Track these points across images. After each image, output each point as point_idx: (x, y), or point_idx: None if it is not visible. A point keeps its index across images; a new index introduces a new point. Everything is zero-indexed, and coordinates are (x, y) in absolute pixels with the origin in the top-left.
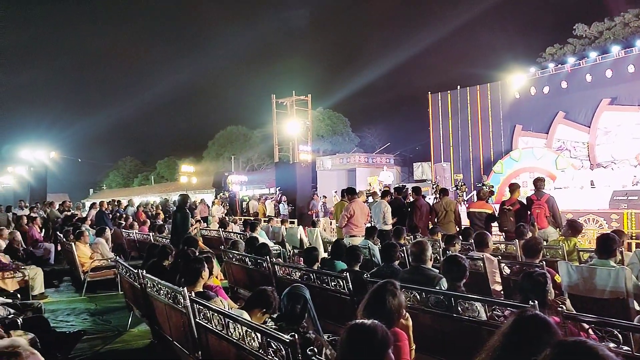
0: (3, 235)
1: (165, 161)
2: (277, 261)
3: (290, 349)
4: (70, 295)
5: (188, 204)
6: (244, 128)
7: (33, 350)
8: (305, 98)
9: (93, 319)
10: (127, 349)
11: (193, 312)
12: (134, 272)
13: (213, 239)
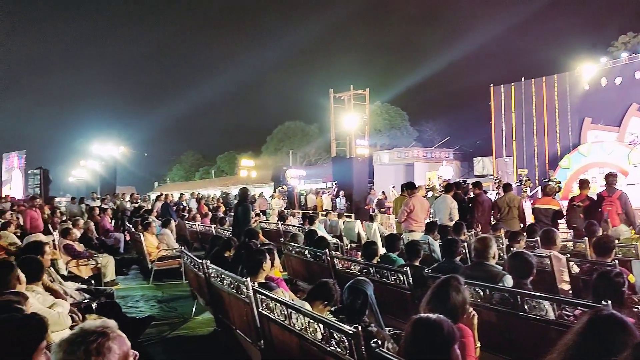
0: (78, 225)
1: (225, 155)
2: (336, 254)
3: (354, 341)
4: (139, 282)
5: (248, 198)
6: (302, 123)
7: (120, 332)
8: (363, 92)
9: (160, 306)
10: (192, 335)
11: (256, 302)
12: (199, 262)
13: (272, 231)
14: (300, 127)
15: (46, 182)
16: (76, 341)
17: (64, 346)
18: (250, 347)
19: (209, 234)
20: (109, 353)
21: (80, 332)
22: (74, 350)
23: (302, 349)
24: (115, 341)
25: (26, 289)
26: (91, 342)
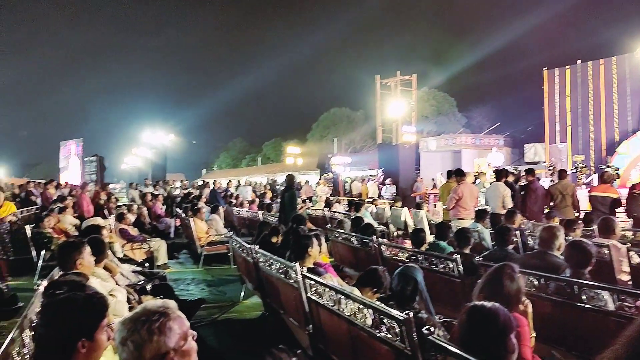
0: (133, 210)
1: (272, 143)
2: (383, 241)
3: (405, 327)
4: (189, 266)
5: (295, 184)
6: (347, 110)
7: (180, 313)
8: (409, 78)
9: (210, 290)
10: (241, 318)
11: (304, 287)
12: (247, 247)
13: (318, 218)
14: (345, 114)
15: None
16: (139, 320)
17: (128, 324)
18: (299, 331)
19: (256, 220)
20: (170, 332)
21: (143, 311)
22: (137, 329)
23: (351, 335)
24: (175, 321)
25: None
26: (153, 321)
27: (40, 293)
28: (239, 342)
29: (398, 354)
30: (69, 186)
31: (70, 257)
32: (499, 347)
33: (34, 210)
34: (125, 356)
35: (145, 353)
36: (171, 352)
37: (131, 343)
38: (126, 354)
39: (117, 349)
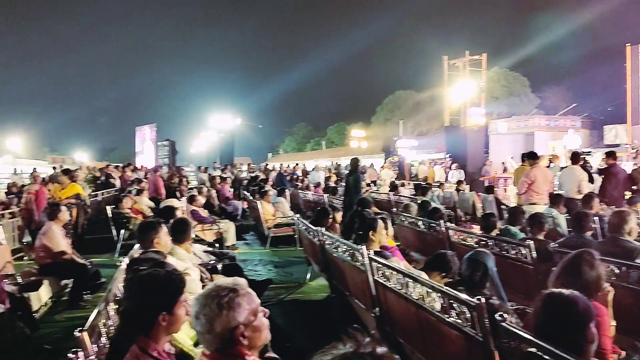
0: (202, 192)
1: (336, 127)
2: (450, 226)
3: (476, 313)
4: (256, 247)
5: (359, 168)
6: (413, 92)
7: (250, 290)
8: (479, 57)
9: (277, 271)
10: (307, 299)
11: (371, 270)
12: (314, 229)
13: (383, 202)
14: (411, 96)
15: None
16: (210, 295)
17: (201, 299)
18: (365, 313)
19: (322, 203)
20: (238, 308)
21: (215, 287)
22: (208, 303)
23: (420, 318)
24: (244, 298)
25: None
26: (222, 296)
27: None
28: (306, 322)
29: (468, 339)
30: (144, 169)
31: (149, 236)
32: (577, 337)
33: (112, 192)
34: (199, 329)
35: (216, 326)
36: (241, 327)
37: (203, 317)
38: (200, 326)
39: (193, 322)
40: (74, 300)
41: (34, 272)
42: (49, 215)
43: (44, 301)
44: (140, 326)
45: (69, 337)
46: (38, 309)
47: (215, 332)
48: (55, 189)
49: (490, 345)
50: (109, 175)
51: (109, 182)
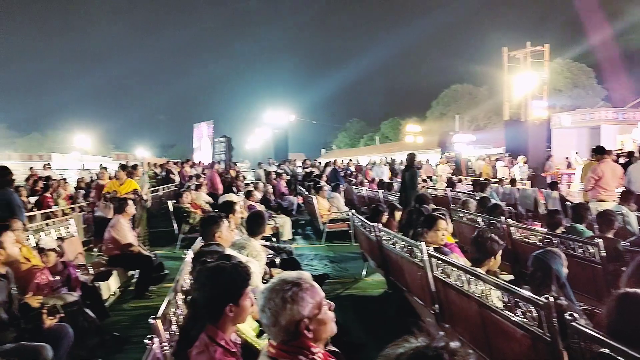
0: (259, 188)
1: (389, 122)
2: (512, 223)
3: (544, 312)
4: (312, 242)
5: (416, 163)
6: (470, 85)
7: (314, 283)
8: (541, 49)
9: (333, 265)
10: (364, 295)
11: (431, 266)
12: (370, 225)
13: (439, 198)
14: (468, 90)
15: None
16: (275, 289)
17: (266, 293)
18: (424, 310)
19: (376, 199)
20: (302, 301)
21: (279, 281)
22: (273, 297)
23: (482, 316)
24: (308, 291)
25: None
26: (286, 290)
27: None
28: (363, 317)
29: (535, 339)
30: (202, 165)
31: (211, 229)
32: None
33: (172, 187)
34: (265, 322)
35: (281, 319)
36: (305, 320)
37: (268, 310)
38: (265, 319)
39: (259, 315)
40: (140, 290)
41: (103, 263)
42: (117, 209)
43: (113, 290)
44: (209, 316)
45: (136, 324)
46: (107, 298)
47: (280, 325)
48: (113, 184)
49: (559, 345)
50: (169, 171)
51: (169, 177)
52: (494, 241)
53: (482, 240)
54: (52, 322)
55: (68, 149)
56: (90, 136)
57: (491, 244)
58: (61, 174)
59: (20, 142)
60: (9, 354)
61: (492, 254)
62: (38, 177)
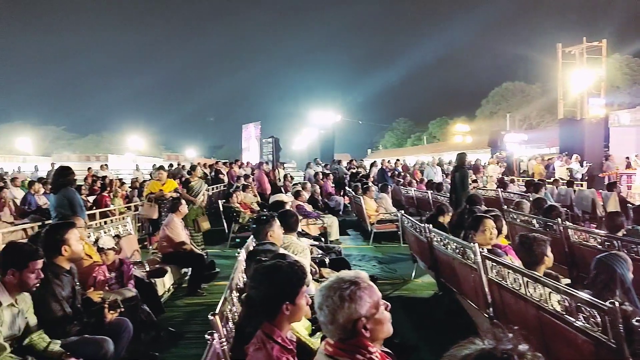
0: (307, 188)
1: (437, 121)
2: (569, 225)
3: (609, 317)
4: (359, 243)
5: (466, 163)
6: (521, 83)
7: (371, 283)
8: (598, 44)
9: (381, 266)
10: (414, 296)
11: (484, 268)
12: (421, 226)
13: (490, 199)
14: (519, 88)
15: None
16: (333, 287)
17: (323, 291)
18: (478, 313)
19: (425, 199)
20: (360, 300)
21: (337, 280)
22: (331, 295)
23: (540, 321)
24: (366, 290)
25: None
26: (344, 289)
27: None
28: (414, 319)
29: (598, 345)
30: (250, 166)
31: (263, 229)
32: None
33: (221, 187)
34: (322, 319)
35: (339, 318)
36: (362, 319)
37: (326, 308)
38: (323, 317)
39: (317, 312)
40: (192, 287)
41: (158, 260)
42: (171, 208)
43: (168, 287)
44: (265, 314)
45: (189, 321)
46: (162, 294)
47: (337, 323)
48: (155, 184)
49: (624, 352)
50: (218, 171)
51: (218, 177)
52: (539, 242)
53: (527, 244)
54: (113, 316)
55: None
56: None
57: (538, 246)
58: (116, 174)
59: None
60: (73, 347)
61: (542, 255)
62: (96, 177)
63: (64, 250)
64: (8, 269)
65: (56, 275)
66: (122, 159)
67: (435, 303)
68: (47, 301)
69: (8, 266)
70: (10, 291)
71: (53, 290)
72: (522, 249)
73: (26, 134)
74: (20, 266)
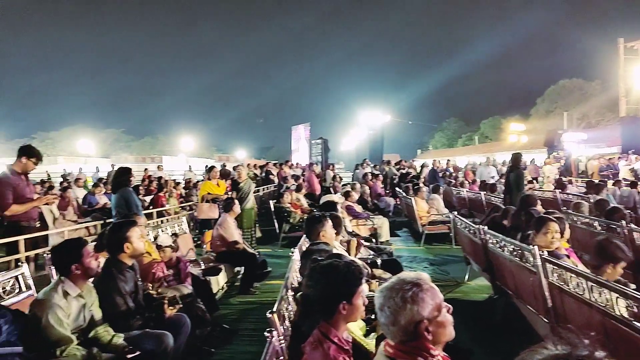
0: (356, 188)
1: (490, 121)
2: (634, 227)
3: None
4: (410, 244)
5: (521, 164)
6: (579, 80)
7: (433, 285)
8: None
9: (433, 268)
10: (467, 299)
11: (544, 272)
12: (475, 227)
13: (547, 200)
14: (577, 85)
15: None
16: (394, 288)
17: (385, 292)
18: (537, 318)
19: (478, 200)
20: (422, 302)
21: (398, 281)
22: (392, 296)
23: (605, 327)
24: (428, 292)
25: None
26: (406, 290)
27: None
28: (467, 322)
29: None
30: (300, 167)
31: (316, 229)
32: None
33: (272, 187)
34: (384, 320)
35: (400, 319)
36: (425, 321)
37: (387, 309)
38: (384, 318)
39: (377, 313)
40: (245, 286)
41: (212, 259)
42: (224, 208)
43: (221, 285)
44: (322, 313)
45: (242, 319)
46: (217, 292)
47: (399, 325)
48: (210, 185)
49: None
50: (269, 172)
51: (268, 178)
52: (619, 248)
53: (605, 243)
54: (172, 312)
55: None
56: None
57: (614, 250)
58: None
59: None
60: (135, 340)
61: (613, 260)
62: (152, 178)
63: (126, 248)
64: (71, 265)
65: (120, 271)
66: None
67: (490, 306)
68: (111, 296)
69: (70, 263)
70: (76, 283)
71: (117, 285)
72: (597, 245)
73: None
74: (77, 257)
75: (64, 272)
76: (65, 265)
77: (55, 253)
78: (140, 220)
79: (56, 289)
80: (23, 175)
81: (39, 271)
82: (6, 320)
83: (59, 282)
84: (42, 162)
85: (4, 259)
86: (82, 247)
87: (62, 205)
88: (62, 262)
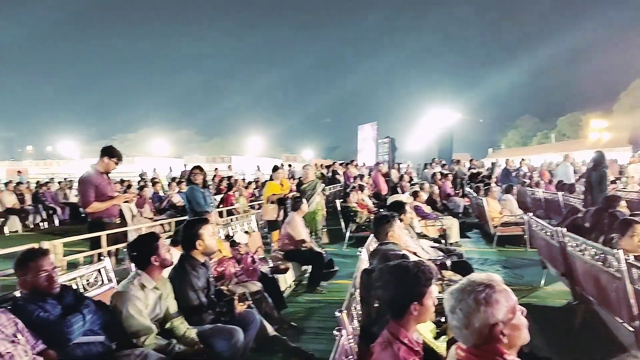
0: (425, 188)
1: (567, 117)
2: None
3: None
4: (482, 246)
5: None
6: None
7: (506, 287)
8: None
9: (506, 272)
10: (544, 305)
11: (630, 277)
12: (553, 229)
13: (632, 202)
14: None
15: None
16: (466, 290)
17: (455, 294)
18: (620, 327)
19: (555, 201)
20: (496, 304)
21: (469, 282)
22: (464, 298)
23: None
24: (501, 294)
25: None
26: (479, 291)
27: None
28: (543, 329)
29: None
30: (366, 167)
31: (384, 229)
32: None
33: (338, 187)
34: (455, 323)
35: (474, 321)
36: (500, 324)
37: (460, 311)
38: (456, 321)
39: (448, 316)
40: (312, 284)
41: (279, 257)
42: (293, 207)
43: (289, 283)
44: (393, 313)
45: (309, 317)
46: (284, 290)
47: (473, 328)
48: (275, 186)
49: None
50: (335, 172)
51: (334, 178)
52: None
53: None
54: (242, 308)
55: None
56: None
57: None
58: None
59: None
60: (207, 334)
61: None
62: (222, 177)
63: (198, 245)
64: (150, 257)
65: (193, 267)
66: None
67: (568, 313)
68: (185, 291)
69: (149, 255)
70: (152, 276)
71: (190, 281)
72: None
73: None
74: (153, 250)
75: (142, 265)
76: (144, 258)
77: (133, 248)
78: (212, 218)
79: (133, 281)
80: (105, 175)
81: (119, 265)
82: (89, 310)
83: (135, 275)
84: (122, 162)
85: (88, 253)
86: (156, 240)
87: (139, 203)
88: (142, 255)
